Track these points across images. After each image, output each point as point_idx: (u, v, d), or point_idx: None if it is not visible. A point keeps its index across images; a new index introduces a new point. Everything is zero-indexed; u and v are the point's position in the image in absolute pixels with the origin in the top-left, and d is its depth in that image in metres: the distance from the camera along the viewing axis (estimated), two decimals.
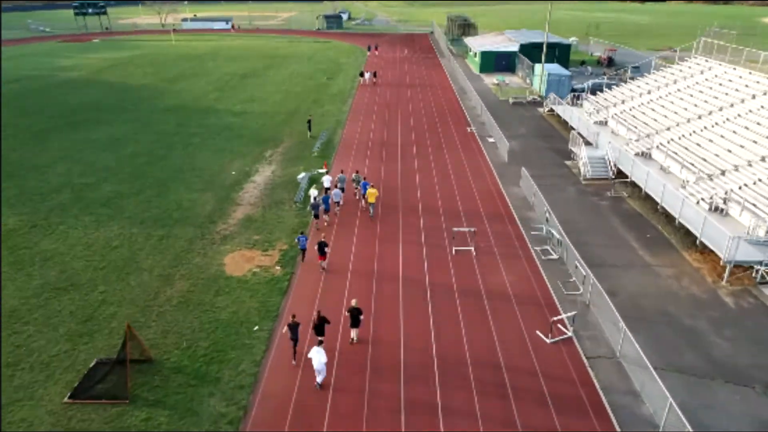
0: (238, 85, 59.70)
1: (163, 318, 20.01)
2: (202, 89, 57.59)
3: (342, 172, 30.33)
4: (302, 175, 33.00)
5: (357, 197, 29.79)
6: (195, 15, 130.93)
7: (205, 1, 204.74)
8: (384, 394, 16.46)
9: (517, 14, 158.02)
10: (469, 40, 76.08)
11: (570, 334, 18.78)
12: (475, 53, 70.11)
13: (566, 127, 43.30)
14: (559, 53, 66.14)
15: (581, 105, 46.61)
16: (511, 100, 52.30)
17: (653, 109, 38.74)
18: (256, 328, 19.45)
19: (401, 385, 16.71)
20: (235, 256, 24.26)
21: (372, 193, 27.49)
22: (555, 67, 55.28)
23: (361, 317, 18.41)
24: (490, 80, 62.69)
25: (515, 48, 66.13)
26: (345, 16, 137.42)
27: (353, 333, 18.57)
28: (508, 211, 28.72)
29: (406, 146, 39.27)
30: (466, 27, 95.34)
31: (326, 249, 22.89)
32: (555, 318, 19.11)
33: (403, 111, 49.14)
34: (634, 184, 30.84)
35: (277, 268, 23.34)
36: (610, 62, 70.53)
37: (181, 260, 23.91)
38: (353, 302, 18.44)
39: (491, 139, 40.92)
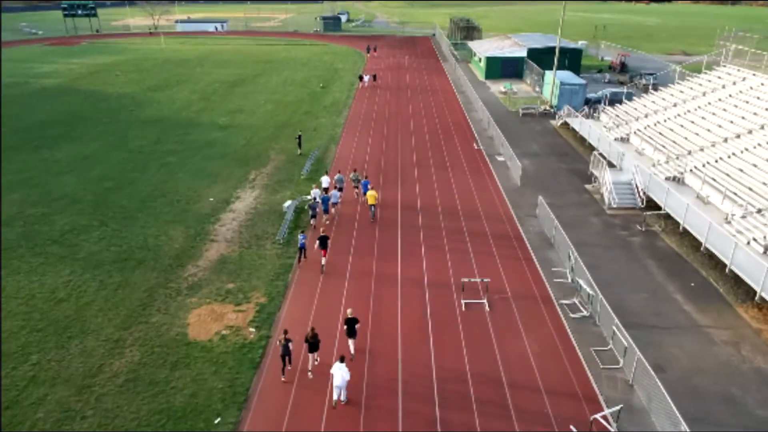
0: (226, 94, 55.70)
1: (102, 404, 16.02)
2: (187, 99, 53.61)
3: (339, 173, 30.45)
4: (288, 203, 28.99)
5: (356, 196, 30.08)
6: (189, 17, 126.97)
7: (204, 2, 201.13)
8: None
9: (520, 16, 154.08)
10: (473, 45, 72.09)
11: None
12: (480, 58, 66.14)
13: (583, 143, 39.29)
14: (570, 59, 62.09)
15: (598, 118, 42.60)
16: (520, 111, 48.28)
17: (682, 126, 34.71)
18: (218, 420, 15.48)
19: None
20: (201, 313, 20.26)
21: (372, 195, 27.41)
22: (568, 75, 51.28)
23: (357, 326, 17.93)
24: (497, 88, 58.69)
25: (523, 53, 62.12)
26: (344, 18, 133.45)
27: (351, 345, 17.99)
28: (526, 252, 24.67)
29: (406, 167, 35.26)
30: (470, 30, 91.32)
31: (328, 242, 23.22)
32: (596, 416, 15.08)
33: (403, 124, 45.15)
34: (668, 216, 26.81)
35: (251, 330, 19.35)
36: (623, 68, 66.50)
37: (137, 318, 19.93)
38: (349, 312, 18.11)
39: (501, 158, 36.89)
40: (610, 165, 31.85)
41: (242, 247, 25.07)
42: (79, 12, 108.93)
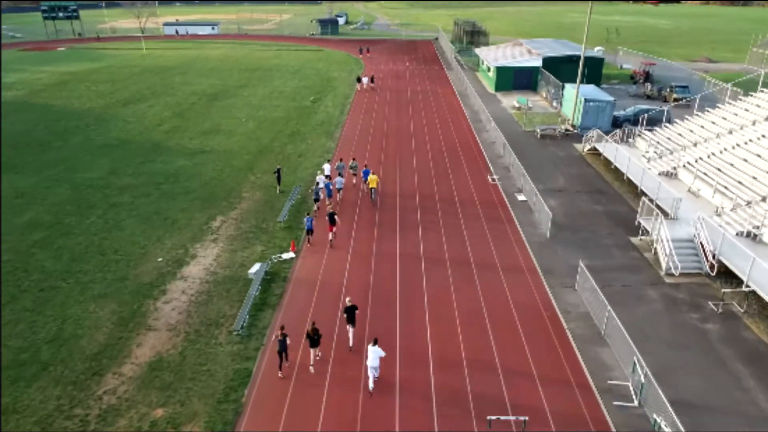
0: (203, 110, 49.31)
1: None
2: (159, 115, 47.22)
3: (341, 161, 31.74)
4: (256, 268, 22.61)
5: (354, 183, 31.70)
6: (177, 19, 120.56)
7: (200, 3, 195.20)
8: None
9: (526, 18, 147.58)
10: (481, 52, 65.58)
11: None
12: (489, 67, 59.70)
13: (618, 175, 32.89)
14: (589, 69, 55.56)
15: (634, 143, 36.18)
16: (538, 132, 41.85)
17: (746, 160, 28.26)
18: None
19: None
20: None
21: (373, 179, 29.13)
22: (592, 90, 44.84)
23: (357, 311, 18.18)
24: (509, 102, 52.27)
25: (537, 63, 55.66)
26: (342, 20, 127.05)
27: (350, 332, 18.17)
28: (569, 352, 18.21)
29: (407, 210, 28.84)
30: (476, 34, 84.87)
31: (335, 218, 24.45)
32: None
33: (403, 149, 38.75)
34: (753, 292, 20.38)
35: None
36: (648, 78, 59.94)
37: None
38: (347, 300, 18.38)
39: (522, 197, 30.46)
40: (663, 213, 25.39)
41: (187, 339, 18.70)
42: (60, 14, 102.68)
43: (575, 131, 42.09)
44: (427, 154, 37.27)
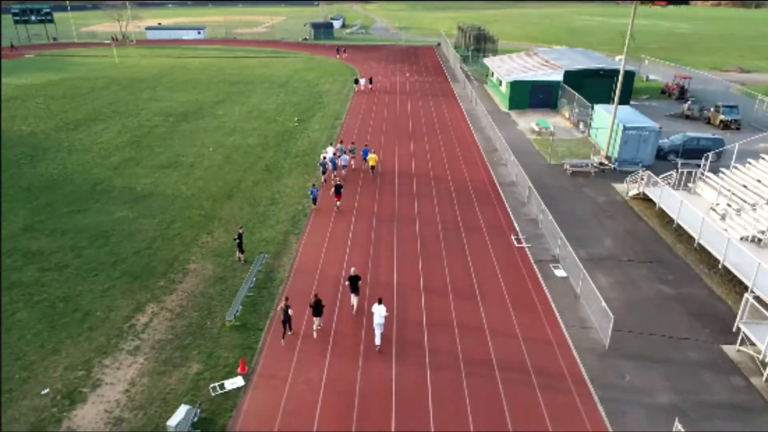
0: (166, 135, 41.73)
1: None
2: (111, 142, 39.65)
3: (341, 143, 34.34)
4: (179, 416, 14.98)
5: (353, 165, 33.51)
6: (159, 23, 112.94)
7: (192, 4, 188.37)
8: None
9: (532, 21, 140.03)
10: (491, 63, 57.97)
11: None
12: (500, 81, 52.19)
13: (680, 234, 25.36)
14: (617, 82, 48.08)
15: (694, 188, 28.63)
16: (568, 168, 34.31)
17: None
18: None
19: None
20: None
21: (372, 158, 32.43)
22: (631, 114, 37.29)
23: (360, 283, 19.54)
24: (526, 124, 44.75)
25: (558, 76, 48.15)
26: (338, 23, 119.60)
27: (354, 300, 19.67)
28: None
29: (409, 299, 21.25)
30: (482, 40, 77.32)
31: (341, 189, 27.81)
32: None
33: (403, 191, 31.21)
34: None
35: None
36: (682, 94, 52.41)
37: None
38: (352, 270, 19.61)
39: (561, 271, 22.89)
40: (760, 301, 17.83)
41: None
42: (33, 18, 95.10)
43: (612, 166, 34.57)
44: (432, 206, 29.62)
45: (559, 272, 22.79)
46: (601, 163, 34.84)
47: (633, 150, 34.57)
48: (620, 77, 35.82)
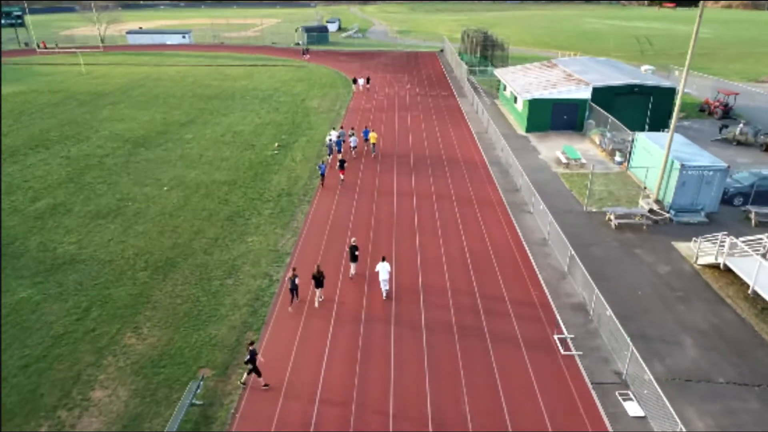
0: (116, 168, 34.51)
1: None
2: (45, 179, 32.45)
3: (342, 128, 38.22)
4: None
5: (351, 151, 35.85)
6: (141, 27, 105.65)
7: (184, 6, 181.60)
8: None
9: (539, 24, 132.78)
10: (504, 75, 50.76)
11: None
12: (515, 96, 45.07)
13: None
14: (655, 103, 41.05)
15: None
16: (612, 219, 27.06)
17: None
18: None
19: None
20: None
21: (373, 136, 35.92)
22: (685, 147, 30.08)
23: (357, 252, 21.14)
24: (549, 152, 37.60)
25: (586, 94, 40.95)
26: (333, 27, 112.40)
27: (353, 268, 21.32)
28: None
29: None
30: (490, 47, 70.12)
31: (345, 164, 31.23)
32: None
33: (403, 260, 23.99)
34: None
35: None
36: (727, 113, 45.26)
37: None
38: (352, 240, 21.28)
39: (634, 406, 15.64)
40: None
41: None
42: (2, 21, 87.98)
43: (667, 215, 27.39)
44: (443, 280, 22.44)
45: (632, 407, 15.59)
46: (651, 210, 27.67)
47: (692, 194, 27.44)
48: (678, 99, 28.50)
